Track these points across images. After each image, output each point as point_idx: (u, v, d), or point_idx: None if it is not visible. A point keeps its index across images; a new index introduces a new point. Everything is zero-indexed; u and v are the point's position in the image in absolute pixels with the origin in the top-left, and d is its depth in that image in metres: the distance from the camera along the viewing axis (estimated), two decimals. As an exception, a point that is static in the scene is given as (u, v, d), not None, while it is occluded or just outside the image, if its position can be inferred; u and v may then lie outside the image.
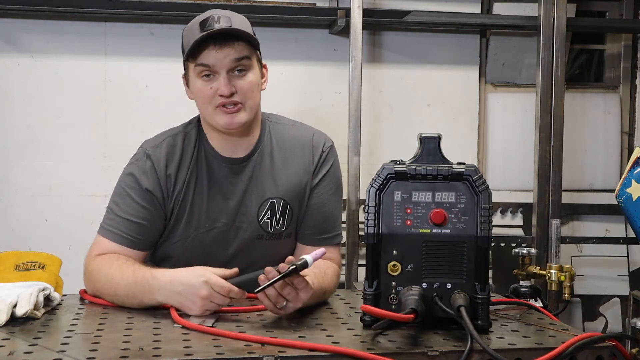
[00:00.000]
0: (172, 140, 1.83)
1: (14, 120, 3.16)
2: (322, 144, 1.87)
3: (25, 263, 1.68)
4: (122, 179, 1.83)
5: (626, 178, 1.82)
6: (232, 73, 1.73)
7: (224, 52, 1.71)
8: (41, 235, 3.15)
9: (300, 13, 3.16)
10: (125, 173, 1.83)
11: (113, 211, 1.80)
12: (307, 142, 1.87)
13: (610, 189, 3.50)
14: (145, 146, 1.85)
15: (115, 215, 1.79)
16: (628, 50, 3.67)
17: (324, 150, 1.87)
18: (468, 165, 1.45)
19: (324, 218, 1.86)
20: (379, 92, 3.40)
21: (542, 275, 2.08)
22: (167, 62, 3.23)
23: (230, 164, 1.83)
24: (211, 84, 1.74)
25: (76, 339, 1.35)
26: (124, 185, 1.81)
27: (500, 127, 3.55)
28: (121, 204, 1.80)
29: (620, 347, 1.36)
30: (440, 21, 3.30)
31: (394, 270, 1.44)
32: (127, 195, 1.80)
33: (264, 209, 1.83)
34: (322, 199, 1.85)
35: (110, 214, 1.80)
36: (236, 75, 1.74)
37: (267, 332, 1.40)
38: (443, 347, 1.30)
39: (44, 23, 3.15)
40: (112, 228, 1.78)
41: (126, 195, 1.80)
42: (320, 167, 1.86)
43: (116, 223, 1.78)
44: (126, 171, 1.83)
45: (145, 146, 1.85)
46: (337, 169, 1.90)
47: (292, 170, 1.84)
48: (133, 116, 3.22)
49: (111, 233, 1.78)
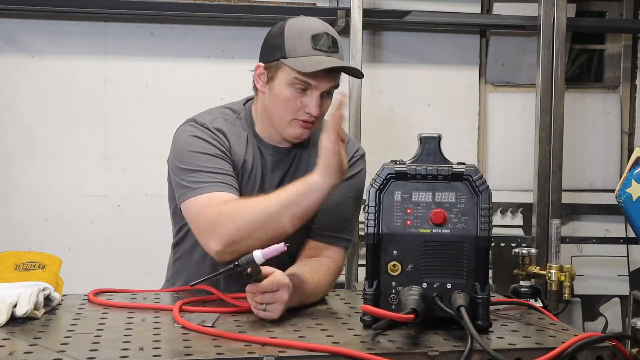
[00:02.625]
0: (224, 119, 1.82)
1: (14, 120, 3.16)
2: (354, 151, 1.89)
3: (25, 263, 1.68)
4: (188, 144, 1.76)
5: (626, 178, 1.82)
6: (323, 94, 1.75)
7: (329, 80, 1.73)
8: (41, 235, 3.16)
9: (300, 13, 3.14)
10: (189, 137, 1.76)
11: (199, 170, 1.71)
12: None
13: (610, 189, 3.49)
14: (197, 119, 1.80)
15: (206, 172, 1.70)
16: (628, 50, 3.67)
17: (355, 157, 1.88)
18: (468, 165, 1.45)
19: (335, 217, 1.83)
20: (379, 92, 3.40)
21: (542, 275, 2.09)
22: (167, 62, 3.23)
23: (275, 152, 1.83)
24: (302, 98, 1.74)
25: (76, 339, 1.35)
26: (194, 149, 1.74)
27: (500, 127, 3.55)
28: (204, 162, 1.72)
29: (620, 347, 1.35)
30: (440, 21, 3.30)
31: (394, 270, 1.43)
32: (204, 154, 1.73)
33: None
34: (338, 198, 1.82)
35: (196, 174, 1.71)
36: (325, 96, 1.76)
37: (267, 332, 1.40)
38: (443, 347, 1.30)
39: (44, 23, 3.15)
40: (213, 181, 1.69)
41: (204, 154, 1.73)
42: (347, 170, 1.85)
43: (212, 177, 1.70)
44: (186, 140, 1.76)
45: (199, 120, 1.80)
46: (363, 178, 1.88)
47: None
48: (133, 116, 3.22)
49: (214, 186, 1.68)
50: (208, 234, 1.63)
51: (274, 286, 1.48)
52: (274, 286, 1.48)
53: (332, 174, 1.57)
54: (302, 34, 1.75)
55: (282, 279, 1.51)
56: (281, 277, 1.51)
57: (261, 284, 1.47)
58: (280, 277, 1.51)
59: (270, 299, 1.49)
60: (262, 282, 1.47)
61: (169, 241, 2.04)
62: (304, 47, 1.72)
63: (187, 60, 3.24)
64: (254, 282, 1.47)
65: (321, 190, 1.58)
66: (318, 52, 1.72)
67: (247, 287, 1.49)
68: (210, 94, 3.18)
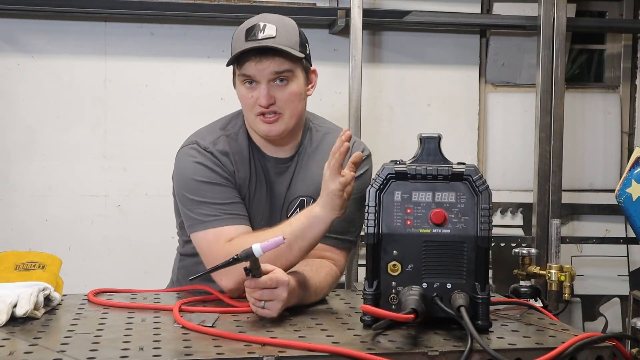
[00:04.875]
0: (225, 136, 1.83)
1: (14, 120, 3.16)
2: (359, 151, 1.88)
3: (25, 263, 1.68)
4: (192, 171, 1.77)
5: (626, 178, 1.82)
6: (273, 83, 1.75)
7: (263, 65, 1.73)
8: (41, 235, 3.16)
9: (300, 13, 3.16)
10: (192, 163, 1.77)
11: (206, 202, 1.73)
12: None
13: (610, 189, 3.49)
14: (201, 142, 1.81)
15: (213, 203, 1.73)
16: (628, 50, 3.67)
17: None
18: (468, 165, 1.45)
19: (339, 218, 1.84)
20: (379, 92, 3.40)
21: (542, 275, 2.08)
22: (167, 62, 3.23)
23: (277, 164, 1.86)
24: (252, 92, 1.76)
25: (76, 339, 1.35)
26: (198, 178, 1.76)
27: (500, 127, 3.55)
28: (210, 192, 1.74)
29: (620, 347, 1.36)
30: (440, 21, 3.30)
31: (394, 270, 1.44)
32: (208, 183, 1.75)
33: (294, 206, 1.86)
34: None
35: (203, 206, 1.73)
36: (277, 85, 1.76)
37: (267, 332, 1.40)
38: (443, 347, 1.30)
39: (44, 23, 3.15)
40: (220, 214, 1.72)
41: (208, 184, 1.75)
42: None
43: (219, 209, 1.73)
44: (189, 167, 1.77)
45: (202, 143, 1.80)
46: (368, 178, 1.86)
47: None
48: (133, 116, 3.22)
49: (222, 220, 1.72)
50: (220, 273, 1.64)
51: (272, 282, 1.48)
52: (273, 283, 1.48)
53: (335, 210, 1.61)
54: (240, 31, 1.78)
55: (281, 276, 1.51)
56: (281, 275, 1.51)
57: (260, 279, 1.47)
58: (279, 274, 1.51)
59: (269, 295, 1.49)
60: (260, 278, 1.47)
61: (169, 241, 2.05)
62: (240, 43, 1.75)
63: (187, 60, 3.24)
64: (253, 277, 1.47)
65: (324, 222, 1.63)
66: (249, 43, 1.73)
67: (246, 282, 1.49)
68: (210, 94, 3.18)
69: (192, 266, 1.90)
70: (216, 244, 1.70)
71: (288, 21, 1.80)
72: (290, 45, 1.74)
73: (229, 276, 1.64)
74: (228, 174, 1.79)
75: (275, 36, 1.73)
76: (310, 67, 1.86)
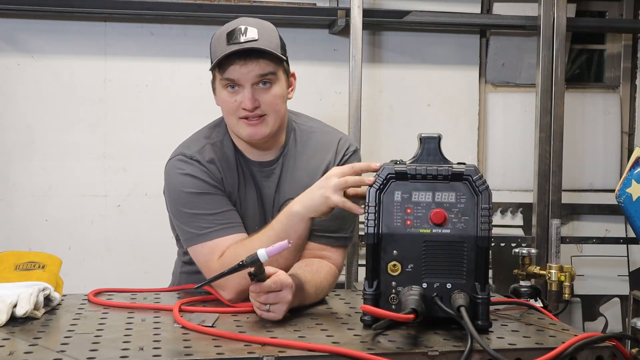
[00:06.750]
0: (211, 144, 1.84)
1: (14, 120, 3.16)
2: (346, 147, 1.89)
3: (25, 263, 1.68)
4: (181, 183, 1.78)
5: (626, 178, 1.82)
6: (256, 86, 1.75)
7: (248, 67, 1.72)
8: (41, 235, 3.16)
9: (300, 13, 3.16)
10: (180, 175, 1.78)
11: (199, 214, 1.74)
12: (332, 146, 1.89)
13: (610, 189, 3.49)
14: (186, 152, 1.81)
15: (206, 215, 1.74)
16: (628, 50, 3.67)
17: (347, 154, 1.88)
18: (468, 165, 1.45)
19: (331, 216, 1.84)
20: (379, 92, 3.40)
21: (542, 275, 2.09)
22: (167, 62, 3.23)
23: (262, 168, 1.86)
24: (235, 96, 1.76)
25: (76, 339, 1.35)
26: (188, 190, 1.77)
27: (500, 127, 3.55)
28: (201, 203, 1.75)
29: (620, 347, 1.36)
30: (440, 21, 3.30)
31: (394, 270, 1.44)
32: (199, 194, 1.76)
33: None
34: None
35: (196, 218, 1.74)
36: (261, 88, 1.75)
37: (267, 332, 1.40)
38: (443, 347, 1.30)
39: (44, 23, 3.15)
40: (214, 225, 1.73)
41: (199, 194, 1.76)
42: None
43: (212, 221, 1.74)
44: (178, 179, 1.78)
45: (188, 152, 1.81)
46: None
47: (313, 171, 1.85)
48: (133, 116, 3.22)
49: (216, 231, 1.73)
50: (219, 286, 1.68)
51: (277, 286, 1.48)
52: (278, 286, 1.49)
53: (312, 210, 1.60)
54: (220, 36, 1.77)
55: (285, 279, 1.51)
56: (284, 277, 1.51)
57: (264, 283, 1.47)
58: (283, 277, 1.51)
59: (274, 299, 1.49)
60: (265, 282, 1.47)
61: (168, 241, 2.04)
62: (221, 47, 1.74)
63: (187, 60, 3.24)
64: (257, 281, 1.47)
65: (303, 219, 1.62)
66: (231, 47, 1.72)
67: (251, 287, 1.49)
68: (210, 94, 3.16)
69: (194, 273, 1.90)
70: (211, 259, 1.72)
71: (268, 24, 1.80)
72: (273, 48, 1.74)
73: (228, 289, 1.66)
74: (216, 182, 1.79)
75: (257, 39, 1.72)
76: (290, 71, 1.86)
